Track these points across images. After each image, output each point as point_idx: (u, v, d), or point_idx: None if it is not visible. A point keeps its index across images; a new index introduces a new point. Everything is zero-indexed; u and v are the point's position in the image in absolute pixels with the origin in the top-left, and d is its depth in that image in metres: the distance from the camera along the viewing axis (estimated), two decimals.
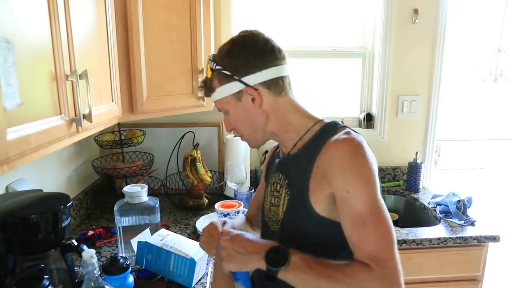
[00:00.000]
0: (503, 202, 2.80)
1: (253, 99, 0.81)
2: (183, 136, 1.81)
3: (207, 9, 1.45)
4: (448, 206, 1.62)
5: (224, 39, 1.87)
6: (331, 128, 0.81)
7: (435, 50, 1.89)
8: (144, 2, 1.23)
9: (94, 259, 0.72)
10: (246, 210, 1.46)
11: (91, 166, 1.62)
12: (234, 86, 0.81)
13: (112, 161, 1.76)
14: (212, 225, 0.86)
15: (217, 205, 1.41)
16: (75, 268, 0.98)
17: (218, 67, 0.82)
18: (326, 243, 0.77)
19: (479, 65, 2.59)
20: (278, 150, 0.96)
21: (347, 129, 0.79)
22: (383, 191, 1.71)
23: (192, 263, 1.02)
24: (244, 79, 0.80)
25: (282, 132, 0.85)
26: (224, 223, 0.88)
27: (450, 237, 1.44)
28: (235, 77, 0.80)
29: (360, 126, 2.03)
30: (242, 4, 1.86)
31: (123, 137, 1.69)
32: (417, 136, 2.01)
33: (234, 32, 1.86)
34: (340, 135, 0.76)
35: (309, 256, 0.69)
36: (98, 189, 1.73)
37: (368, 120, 2.00)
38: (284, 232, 0.84)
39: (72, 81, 0.81)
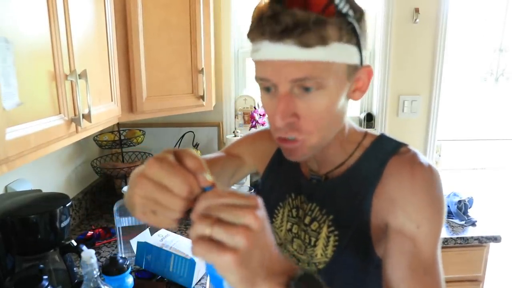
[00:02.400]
0: (504, 202, 2.79)
1: (355, 88, 0.57)
2: (183, 136, 1.81)
3: (207, 9, 1.45)
4: (449, 207, 1.61)
5: (225, 38, 1.89)
6: (389, 144, 0.62)
7: (436, 50, 1.89)
8: (143, 2, 1.23)
9: (94, 260, 0.72)
10: None
11: (90, 166, 1.61)
12: (355, 56, 0.53)
13: (111, 161, 1.75)
14: (169, 155, 0.39)
15: None
16: (75, 269, 0.98)
17: (350, 14, 0.50)
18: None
19: (480, 64, 2.58)
20: (278, 153, 0.73)
21: (413, 150, 0.60)
22: None
23: (192, 263, 1.02)
24: (363, 54, 0.54)
25: (335, 144, 0.62)
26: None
27: (451, 238, 1.44)
28: (361, 45, 0.53)
29: (360, 126, 2.02)
30: (242, 3, 1.85)
31: (122, 137, 1.69)
32: (418, 136, 2.01)
33: (234, 32, 1.86)
34: (411, 157, 0.58)
35: None
36: (98, 189, 1.72)
37: (369, 120, 1.99)
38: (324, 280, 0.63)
39: (71, 81, 0.81)
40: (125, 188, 1.20)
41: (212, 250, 0.34)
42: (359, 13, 0.52)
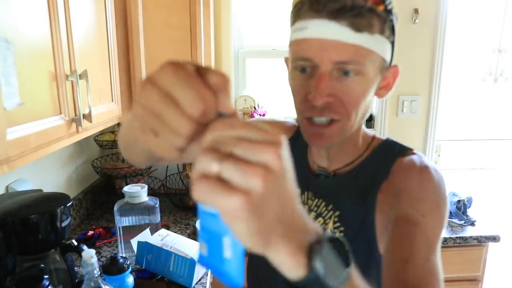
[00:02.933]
0: (503, 202, 2.80)
1: (382, 86, 0.60)
2: None
3: (207, 9, 1.45)
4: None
5: (225, 38, 1.89)
6: (395, 146, 0.64)
7: (435, 50, 1.89)
8: (144, 2, 1.23)
9: (94, 259, 0.72)
10: None
11: (91, 166, 1.62)
12: (388, 52, 0.58)
13: (112, 161, 1.76)
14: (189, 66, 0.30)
15: None
16: (75, 268, 0.98)
17: (393, 13, 0.56)
18: None
19: (479, 65, 2.59)
20: (297, 137, 0.69)
21: (419, 154, 0.62)
22: None
23: (192, 263, 1.02)
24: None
25: (350, 143, 0.64)
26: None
27: (450, 237, 1.44)
28: (394, 43, 0.58)
29: None
30: (242, 3, 1.85)
31: None
32: (417, 136, 2.01)
33: (234, 32, 1.86)
34: (419, 157, 0.61)
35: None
36: (98, 189, 1.73)
37: (368, 120, 2.00)
38: None
39: (72, 81, 0.81)
40: (125, 188, 1.20)
41: (218, 190, 0.26)
42: (396, 17, 0.57)
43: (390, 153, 0.62)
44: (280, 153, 0.27)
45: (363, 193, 0.61)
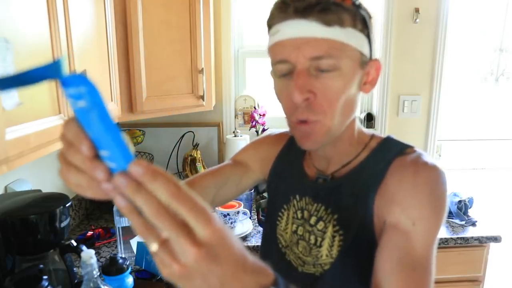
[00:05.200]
0: (505, 202, 2.79)
1: (366, 81, 0.59)
2: (182, 136, 1.81)
3: (207, 8, 1.45)
4: (449, 207, 1.61)
5: (225, 38, 1.89)
6: (395, 145, 0.62)
7: (436, 50, 1.88)
8: (143, 2, 1.23)
9: (93, 260, 0.72)
10: (247, 210, 1.46)
11: None
12: (366, 46, 0.57)
13: None
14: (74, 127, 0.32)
15: None
16: (74, 269, 0.98)
17: (362, 7, 0.57)
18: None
19: (480, 64, 2.58)
20: (292, 144, 0.71)
21: (419, 151, 0.61)
22: None
23: None
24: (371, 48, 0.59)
25: (345, 143, 0.63)
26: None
27: (451, 238, 1.43)
28: (370, 37, 0.57)
29: None
30: (242, 3, 1.85)
31: None
32: (418, 136, 2.00)
33: (234, 32, 1.86)
34: (415, 156, 0.59)
35: None
36: None
37: (369, 120, 1.99)
38: (329, 281, 0.61)
39: None
40: None
41: (159, 259, 0.30)
42: (367, 12, 0.57)
43: (388, 153, 0.61)
44: (214, 226, 0.29)
45: (360, 196, 0.60)
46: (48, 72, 0.30)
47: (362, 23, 0.55)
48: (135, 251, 1.11)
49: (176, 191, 0.28)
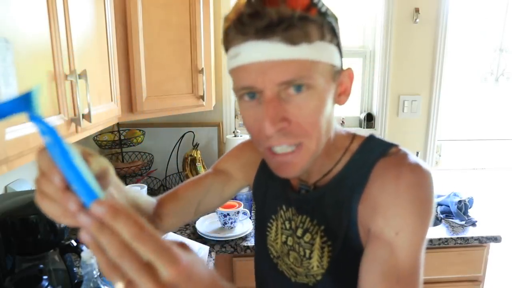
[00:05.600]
0: (505, 202, 2.79)
1: (340, 92, 0.55)
2: (182, 136, 1.81)
3: (207, 8, 1.45)
4: (449, 207, 1.61)
5: None
6: (377, 146, 0.58)
7: (436, 50, 1.88)
8: (143, 2, 1.23)
9: (94, 260, 0.72)
10: (247, 210, 1.46)
11: None
12: (336, 57, 0.52)
13: (111, 161, 1.75)
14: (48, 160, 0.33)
15: None
16: (74, 269, 0.98)
17: (329, 14, 0.50)
18: None
19: (480, 64, 2.58)
20: (264, 164, 0.70)
21: (403, 150, 0.57)
22: None
23: None
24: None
25: (323, 152, 0.57)
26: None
27: (451, 238, 1.44)
28: (340, 47, 0.53)
29: (360, 126, 2.02)
30: None
31: (122, 137, 1.69)
32: (418, 136, 2.00)
33: None
34: (398, 158, 0.55)
35: None
36: None
37: (369, 120, 1.99)
38: None
39: (71, 80, 0.81)
40: None
41: None
42: (335, 17, 0.52)
43: (371, 155, 0.56)
44: (179, 268, 0.29)
45: (344, 205, 0.56)
46: (17, 105, 0.31)
47: (331, 32, 0.50)
48: None
49: (138, 231, 0.28)
